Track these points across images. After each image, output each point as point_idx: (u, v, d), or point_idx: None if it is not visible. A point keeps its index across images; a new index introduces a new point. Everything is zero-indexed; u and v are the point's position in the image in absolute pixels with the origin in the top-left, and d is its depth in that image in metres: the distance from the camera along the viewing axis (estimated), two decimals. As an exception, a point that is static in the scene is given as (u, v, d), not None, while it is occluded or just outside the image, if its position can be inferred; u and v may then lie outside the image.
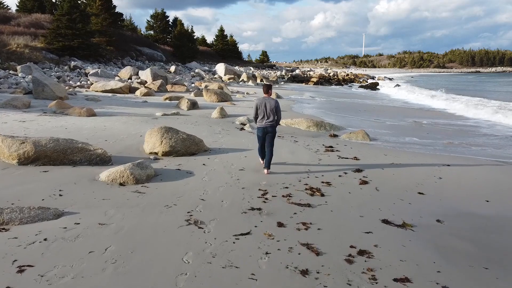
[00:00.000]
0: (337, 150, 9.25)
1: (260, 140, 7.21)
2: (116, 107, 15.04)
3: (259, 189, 6.03)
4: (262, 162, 7.40)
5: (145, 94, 20.29)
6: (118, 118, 12.19)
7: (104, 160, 6.92)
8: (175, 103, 17.24)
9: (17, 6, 48.85)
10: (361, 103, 24.72)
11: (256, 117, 7.09)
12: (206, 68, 49.97)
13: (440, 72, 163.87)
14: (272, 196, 5.75)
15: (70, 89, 20.28)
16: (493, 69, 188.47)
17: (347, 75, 77.01)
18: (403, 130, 13.74)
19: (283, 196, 5.76)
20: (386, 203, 5.69)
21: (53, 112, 12.58)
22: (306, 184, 6.40)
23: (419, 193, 6.28)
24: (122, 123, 11.37)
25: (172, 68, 40.92)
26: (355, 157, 8.51)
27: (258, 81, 42.64)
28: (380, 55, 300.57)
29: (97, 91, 20.48)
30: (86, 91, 20.42)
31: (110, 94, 19.49)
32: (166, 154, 7.78)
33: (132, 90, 21.63)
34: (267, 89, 7.16)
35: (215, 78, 40.00)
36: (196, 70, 43.12)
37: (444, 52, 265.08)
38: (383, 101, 26.41)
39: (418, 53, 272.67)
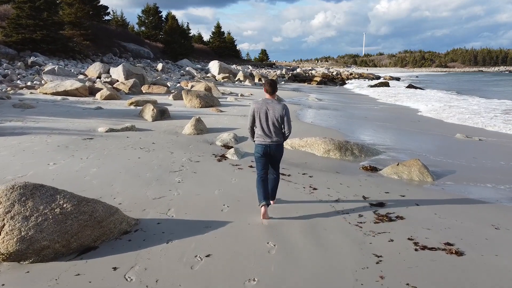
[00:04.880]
0: (398, 217, 4.68)
1: (261, 163, 4.66)
2: (47, 118, 10.46)
3: None
4: (261, 207, 4.47)
5: (107, 97, 15.72)
6: (22, 140, 7.62)
7: None
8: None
9: (-8, -1, 44.28)
10: (383, 109, 20.17)
11: (252, 129, 4.71)
12: (199, 66, 45.42)
13: (443, 72, 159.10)
14: None
15: (11, 91, 15.73)
16: (496, 69, 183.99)
17: (351, 74, 72.56)
18: (462, 152, 9.17)
19: None
20: None
21: None
22: None
23: None
24: (17, 151, 6.78)
25: (159, 66, 36.35)
26: (448, 246, 3.93)
27: (256, 80, 38.10)
28: (381, 54, 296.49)
29: (46, 93, 15.89)
30: (31, 93, 15.83)
31: (59, 98, 14.91)
32: (11, 257, 3.21)
33: (94, 91, 17.07)
34: (272, 88, 4.63)
35: (208, 77, 35.47)
36: (187, 69, 38.58)
37: (446, 51, 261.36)
38: (402, 106, 21.80)
39: (419, 52, 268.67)
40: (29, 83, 18.02)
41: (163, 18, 61.17)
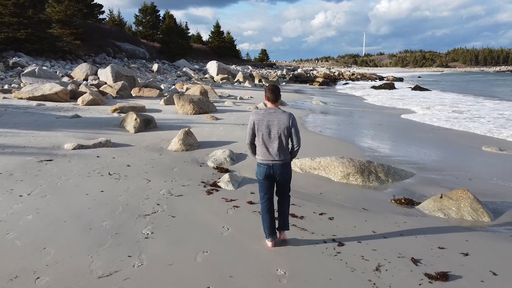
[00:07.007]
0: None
1: (264, 187, 3.79)
2: (7, 130, 8.76)
3: None
4: (269, 242, 3.80)
5: (90, 103, 14.04)
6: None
7: None
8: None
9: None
10: (394, 115, 18.50)
11: (252, 145, 3.79)
12: (197, 66, 43.74)
13: (445, 71, 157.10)
14: None
15: (-18, 96, 14.07)
16: (497, 68, 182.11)
17: (353, 74, 70.86)
18: (506, 172, 7.52)
19: None
20: None
21: None
22: None
23: None
24: None
25: (155, 67, 34.69)
26: None
27: (256, 81, 36.48)
28: (381, 54, 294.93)
29: (21, 98, 14.22)
30: (5, 98, 14.14)
31: (34, 104, 13.23)
32: None
33: (77, 95, 15.41)
34: (274, 94, 3.68)
35: (206, 78, 33.84)
36: (184, 69, 36.91)
37: (447, 51, 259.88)
38: (413, 111, 20.09)
39: (420, 52, 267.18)
40: (6, 86, 16.35)
41: (160, 18, 59.49)
